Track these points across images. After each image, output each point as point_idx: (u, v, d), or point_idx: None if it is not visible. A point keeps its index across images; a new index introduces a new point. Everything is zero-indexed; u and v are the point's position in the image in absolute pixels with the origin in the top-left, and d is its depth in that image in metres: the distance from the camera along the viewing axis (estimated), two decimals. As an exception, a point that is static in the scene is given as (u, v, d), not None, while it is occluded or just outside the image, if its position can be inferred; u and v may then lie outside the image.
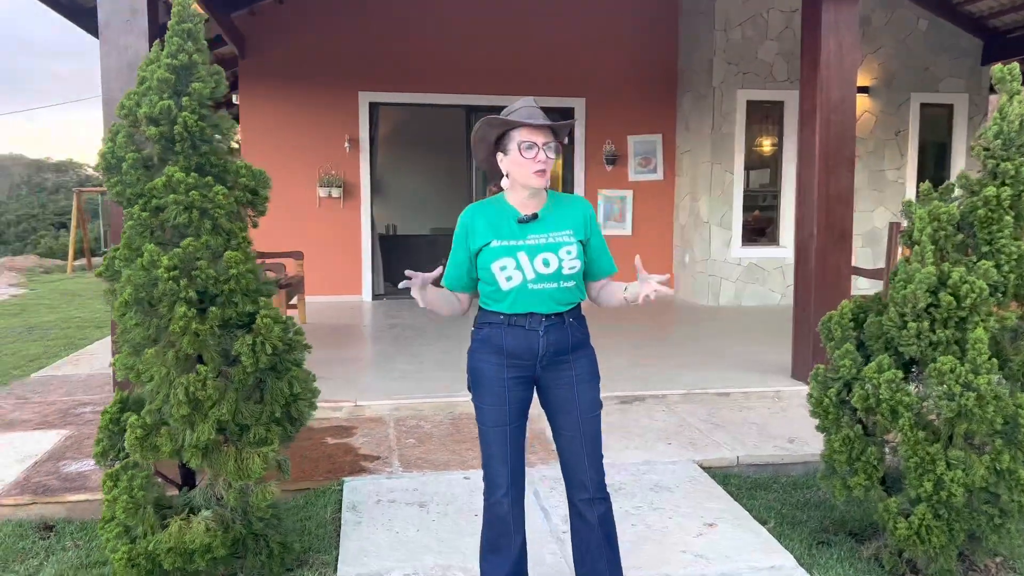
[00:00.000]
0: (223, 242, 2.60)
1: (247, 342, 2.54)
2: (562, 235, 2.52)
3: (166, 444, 2.54)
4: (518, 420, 2.58)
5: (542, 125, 2.46)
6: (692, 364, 6.00)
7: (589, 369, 2.64)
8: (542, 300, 2.50)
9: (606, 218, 10.05)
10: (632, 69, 9.91)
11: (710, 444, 4.33)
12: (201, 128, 2.61)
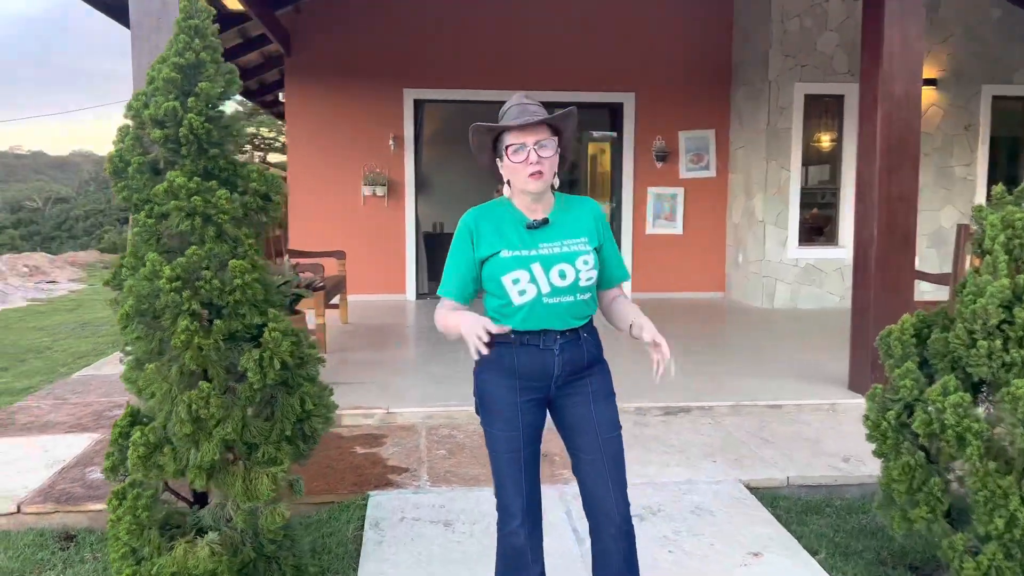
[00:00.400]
0: (229, 250, 2.46)
1: (254, 357, 2.40)
2: (577, 243, 2.32)
3: (170, 463, 2.41)
4: (532, 445, 2.39)
5: (530, 124, 2.24)
6: (742, 372, 5.71)
7: (605, 385, 2.44)
8: (558, 315, 2.30)
9: (655, 217, 9.76)
10: (684, 62, 9.59)
11: (758, 462, 4.06)
12: (208, 130, 2.47)
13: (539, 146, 2.24)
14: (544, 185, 2.28)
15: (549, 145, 2.26)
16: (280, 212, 2.67)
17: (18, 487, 3.70)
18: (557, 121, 2.30)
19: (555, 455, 3.87)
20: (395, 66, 9.22)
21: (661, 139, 9.65)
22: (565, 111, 2.31)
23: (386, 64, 9.20)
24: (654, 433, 4.50)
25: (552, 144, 2.27)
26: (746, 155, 9.27)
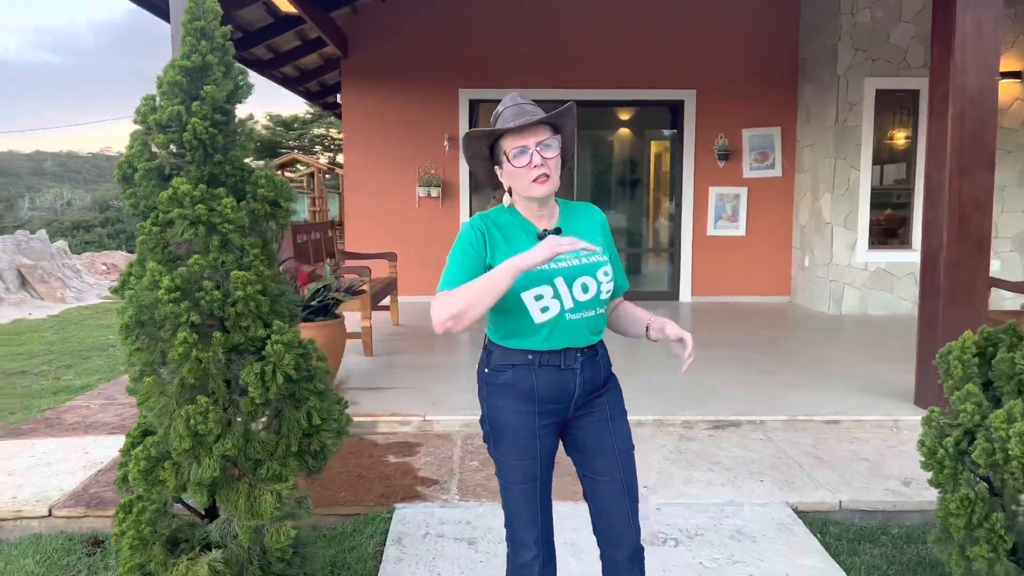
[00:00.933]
0: (235, 260, 2.37)
1: (255, 370, 2.31)
2: (595, 253, 2.13)
3: (171, 478, 2.34)
4: (547, 473, 2.22)
5: (529, 124, 2.07)
6: (800, 383, 5.42)
7: (620, 402, 2.29)
8: (580, 332, 2.14)
9: (716, 217, 9.44)
10: (748, 58, 9.25)
11: (810, 483, 3.80)
12: (213, 135, 2.39)
13: (542, 147, 2.07)
14: (551, 189, 2.11)
15: (552, 145, 2.09)
16: (288, 219, 2.57)
17: (53, 489, 3.73)
18: (557, 119, 2.12)
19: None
20: (450, 66, 9.14)
21: (723, 137, 9.33)
22: (563, 107, 2.12)
23: (441, 64, 9.14)
24: (700, 449, 4.28)
25: (555, 143, 2.10)
26: (813, 153, 8.88)
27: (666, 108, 9.69)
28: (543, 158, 2.07)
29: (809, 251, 8.99)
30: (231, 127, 2.53)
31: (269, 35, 8.31)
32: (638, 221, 10.22)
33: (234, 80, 2.57)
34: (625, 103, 9.67)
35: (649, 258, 10.23)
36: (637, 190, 10.26)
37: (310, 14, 7.22)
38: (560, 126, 2.15)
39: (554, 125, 2.13)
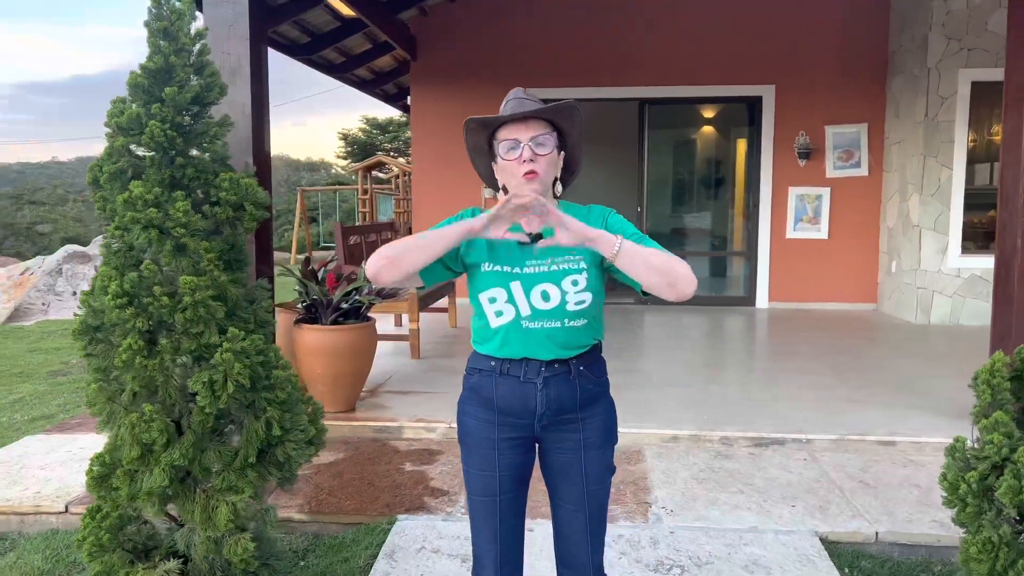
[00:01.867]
0: (190, 265, 2.32)
1: (203, 379, 2.25)
2: (569, 260, 1.97)
3: (124, 487, 2.31)
4: (513, 490, 2.08)
5: (523, 116, 1.93)
6: (861, 399, 5.02)
7: (603, 431, 2.08)
8: (539, 342, 1.97)
9: (796, 219, 8.96)
10: (831, 50, 8.74)
11: (846, 510, 3.48)
12: (171, 138, 2.34)
13: (535, 142, 1.93)
14: (540, 187, 1.95)
15: (546, 142, 1.95)
16: (255, 224, 2.50)
17: (75, 485, 3.81)
18: (554, 115, 1.98)
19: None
20: (518, 66, 9.03)
21: (805, 135, 8.84)
22: (562, 102, 1.98)
23: (509, 64, 9.03)
24: (735, 468, 4.00)
25: (550, 141, 1.96)
26: (902, 151, 8.29)
27: (742, 105, 9.27)
28: (534, 153, 1.93)
29: (896, 255, 8.41)
30: (198, 128, 2.49)
31: (337, 38, 8.40)
32: (711, 222, 9.83)
33: (205, 81, 2.52)
34: (697, 100, 9.31)
35: (723, 262, 9.83)
36: (709, 190, 9.89)
37: (371, 17, 7.25)
38: (561, 126, 2.01)
39: (554, 123, 1.99)
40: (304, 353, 4.58)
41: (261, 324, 2.57)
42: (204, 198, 2.46)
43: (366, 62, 9.66)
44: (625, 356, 6.29)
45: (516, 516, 2.11)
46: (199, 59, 2.54)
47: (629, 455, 4.18)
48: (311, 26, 8.11)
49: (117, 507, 2.41)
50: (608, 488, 2.12)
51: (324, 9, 7.52)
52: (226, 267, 2.50)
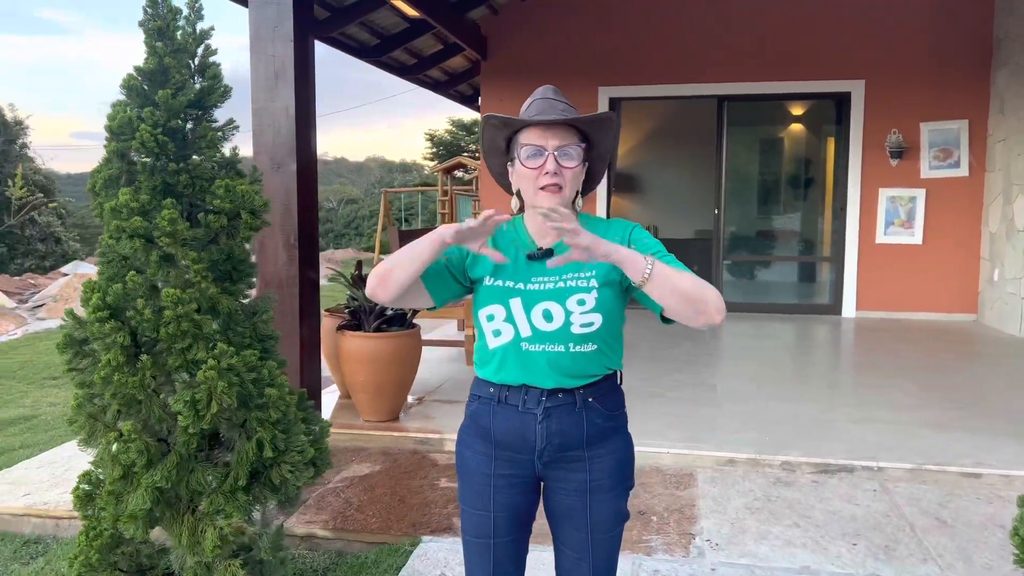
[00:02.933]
0: (177, 276, 2.21)
1: (184, 398, 2.13)
2: (578, 278, 1.76)
3: (109, 507, 2.22)
4: (510, 533, 1.87)
5: (552, 121, 1.73)
6: (947, 422, 4.57)
7: (614, 472, 1.84)
8: (539, 368, 1.76)
9: (887, 223, 8.38)
10: (929, 41, 8.13)
11: (916, 552, 3.12)
12: (163, 143, 2.24)
13: (561, 153, 1.74)
14: (560, 202, 1.75)
15: (574, 154, 1.76)
16: (250, 233, 2.37)
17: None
18: (588, 125, 1.79)
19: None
20: (590, 64, 8.78)
21: (897, 132, 8.26)
22: (601, 113, 1.79)
23: (581, 62, 8.79)
24: (794, 497, 3.66)
25: (578, 153, 1.77)
26: (1007, 149, 7.63)
27: (828, 102, 8.74)
28: (560, 165, 1.74)
29: (999, 263, 7.74)
30: (197, 133, 2.38)
31: (406, 39, 8.34)
32: (794, 226, 9.33)
33: (207, 84, 2.41)
34: (779, 97, 8.83)
35: (807, 267, 9.31)
36: (792, 192, 9.40)
37: (437, 17, 7.14)
38: (592, 136, 1.81)
39: (584, 133, 1.80)
40: (346, 360, 4.48)
41: (261, 339, 2.44)
42: (199, 206, 2.35)
43: (438, 63, 9.59)
44: (691, 368, 5.96)
45: (514, 563, 1.90)
46: (203, 60, 2.44)
47: (679, 479, 3.90)
48: (379, 28, 8.07)
49: (104, 527, 2.32)
50: (618, 537, 1.88)
51: (391, 11, 7.46)
52: (223, 278, 2.38)
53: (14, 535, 3.58)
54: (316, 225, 4.54)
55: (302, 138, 4.40)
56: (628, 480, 1.87)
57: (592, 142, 1.83)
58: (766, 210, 9.45)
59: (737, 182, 9.16)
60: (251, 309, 2.46)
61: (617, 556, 1.89)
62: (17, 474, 4.06)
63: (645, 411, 4.82)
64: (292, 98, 4.33)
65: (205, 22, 2.46)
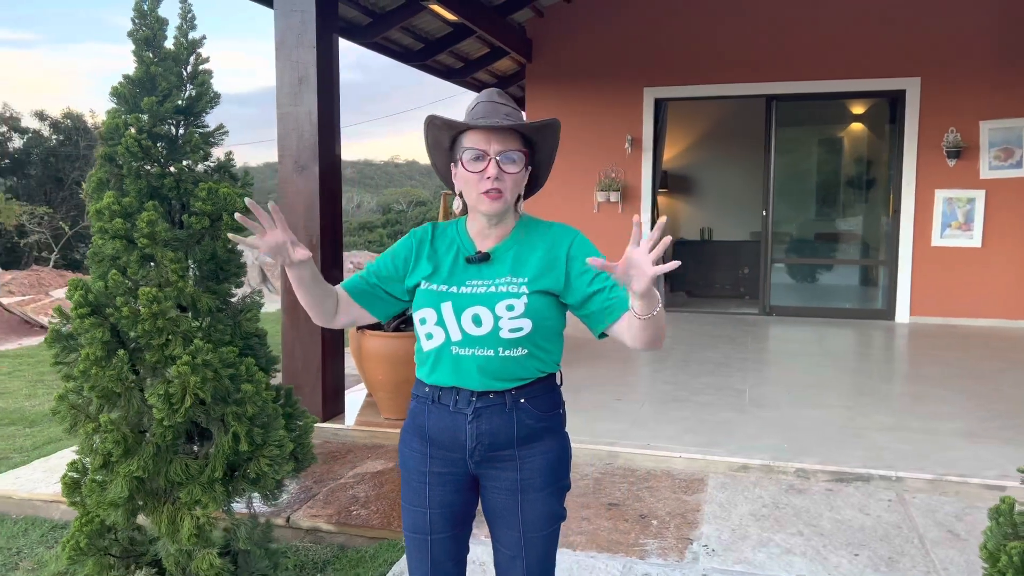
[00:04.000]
0: (156, 276, 2.31)
1: (159, 392, 2.22)
2: (510, 283, 1.78)
3: (92, 495, 2.33)
4: (446, 530, 1.91)
5: (497, 127, 1.75)
6: (981, 433, 4.39)
7: (546, 473, 1.85)
8: (468, 371, 1.79)
9: (944, 225, 8.08)
10: (988, 34, 7.81)
11: (920, 565, 3.02)
12: (147, 148, 2.34)
13: (504, 158, 1.75)
14: (501, 208, 1.78)
15: (517, 159, 1.76)
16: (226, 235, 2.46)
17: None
18: (532, 131, 1.80)
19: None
20: (636, 65, 8.72)
21: (955, 131, 7.96)
22: (545, 120, 1.81)
23: (626, 63, 8.75)
24: (804, 506, 3.58)
25: (520, 159, 1.77)
26: (1071, 148, 7.28)
27: (881, 100, 8.48)
28: (501, 170, 1.75)
29: (1063, 267, 7.39)
30: (184, 138, 2.48)
31: (450, 43, 8.44)
32: (845, 228, 9.08)
33: (196, 91, 2.52)
34: (830, 96, 8.59)
35: (858, 271, 9.04)
36: (843, 193, 9.15)
37: (477, 21, 7.21)
38: (536, 142, 1.83)
39: (528, 138, 1.81)
40: (367, 359, 4.58)
41: (244, 336, 2.53)
42: (183, 208, 2.46)
43: (485, 66, 9.66)
44: (723, 372, 5.87)
45: (452, 559, 1.93)
46: (194, 68, 2.54)
47: (689, 483, 3.86)
48: (423, 32, 8.19)
49: (90, 513, 2.44)
50: (553, 537, 1.90)
51: (433, 15, 7.57)
52: (209, 277, 2.48)
53: (44, 520, 3.77)
54: (339, 226, 4.65)
55: (325, 141, 4.52)
56: (561, 480, 1.87)
57: (535, 147, 1.84)
58: (816, 212, 9.22)
59: (786, 183, 8.97)
60: (238, 307, 2.55)
61: (553, 555, 1.91)
62: (53, 463, 4.27)
63: (664, 415, 4.78)
64: (315, 103, 4.45)
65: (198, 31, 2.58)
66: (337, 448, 4.44)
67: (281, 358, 4.56)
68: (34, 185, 20.18)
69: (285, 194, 4.52)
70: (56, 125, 20.77)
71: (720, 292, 10.22)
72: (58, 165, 20.09)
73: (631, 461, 4.11)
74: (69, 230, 18.86)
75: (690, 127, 11.38)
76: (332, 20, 4.60)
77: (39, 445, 4.96)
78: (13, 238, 18.26)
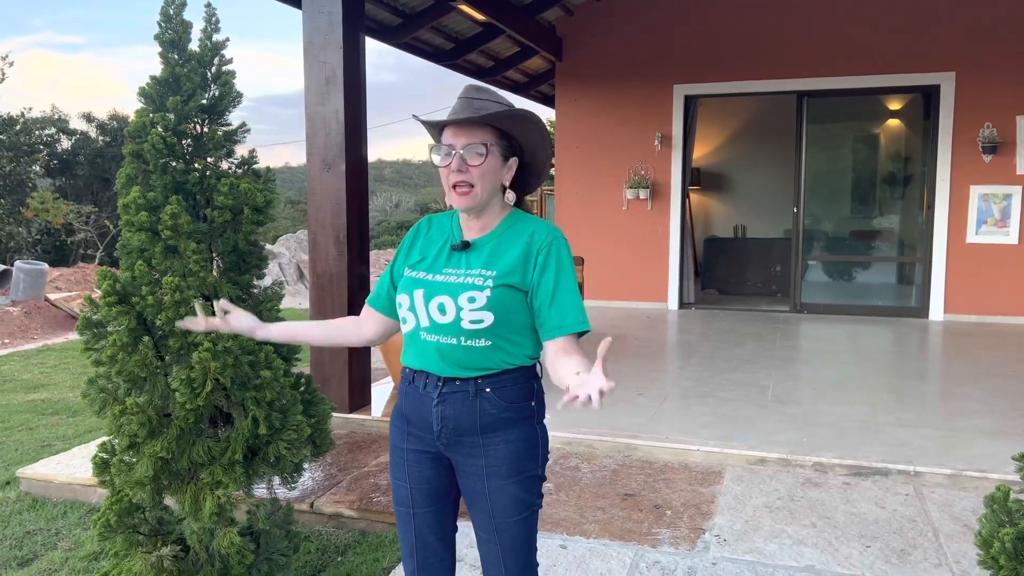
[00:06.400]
0: (179, 266, 2.43)
1: (181, 376, 2.34)
2: (478, 275, 1.83)
3: (119, 475, 2.46)
4: (427, 505, 1.98)
5: (458, 121, 1.80)
6: (1006, 430, 4.35)
7: (509, 461, 1.87)
8: (432, 357, 1.87)
9: (979, 222, 7.96)
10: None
11: (932, 557, 3.03)
12: (172, 145, 2.46)
13: (467, 151, 1.79)
14: (471, 203, 1.83)
15: (482, 151, 1.79)
16: (252, 227, 2.57)
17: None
18: (496, 120, 1.80)
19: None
20: (665, 62, 8.73)
21: (991, 126, 7.84)
22: (507, 109, 1.81)
23: (656, 61, 8.76)
24: (819, 499, 3.60)
25: (485, 151, 1.80)
26: (1111, 143, 7.12)
27: (915, 96, 8.38)
28: (465, 163, 1.80)
29: (1102, 264, 7.24)
30: (207, 135, 2.60)
31: (481, 42, 8.53)
32: (877, 225, 8.98)
33: (220, 91, 2.63)
34: (862, 92, 8.48)
35: (891, 268, 8.94)
36: (875, 190, 9.05)
37: (506, 20, 7.29)
38: (513, 133, 1.85)
39: (501, 129, 1.83)
40: (391, 352, 4.69)
41: (265, 325, 2.64)
42: (207, 203, 2.57)
43: (515, 64, 9.73)
44: (748, 369, 5.87)
45: (435, 535, 2.00)
46: (218, 69, 2.66)
47: (706, 476, 3.90)
48: (453, 32, 8.29)
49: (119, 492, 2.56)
50: (526, 523, 1.91)
51: (463, 16, 7.67)
52: (232, 268, 2.59)
53: (81, 503, 3.95)
54: (366, 223, 4.76)
55: (351, 140, 4.63)
56: (528, 471, 1.88)
57: (515, 139, 1.86)
58: (849, 209, 9.14)
59: (819, 180, 8.90)
60: (259, 297, 2.66)
61: (530, 539, 1.92)
62: (91, 449, 4.43)
63: (685, 410, 4.82)
64: (342, 102, 4.57)
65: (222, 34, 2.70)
66: (362, 438, 4.55)
67: (309, 350, 4.69)
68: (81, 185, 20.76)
69: (313, 192, 4.65)
70: (103, 127, 21.34)
71: (752, 290, 10.17)
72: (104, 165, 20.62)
73: (649, 454, 4.15)
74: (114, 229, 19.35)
75: (723, 124, 11.34)
76: (359, 21, 4.72)
77: (80, 433, 5.16)
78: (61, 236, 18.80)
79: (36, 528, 3.66)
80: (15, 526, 3.69)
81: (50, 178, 20.82)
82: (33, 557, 3.38)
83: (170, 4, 2.54)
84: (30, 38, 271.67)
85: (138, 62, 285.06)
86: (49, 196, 17.85)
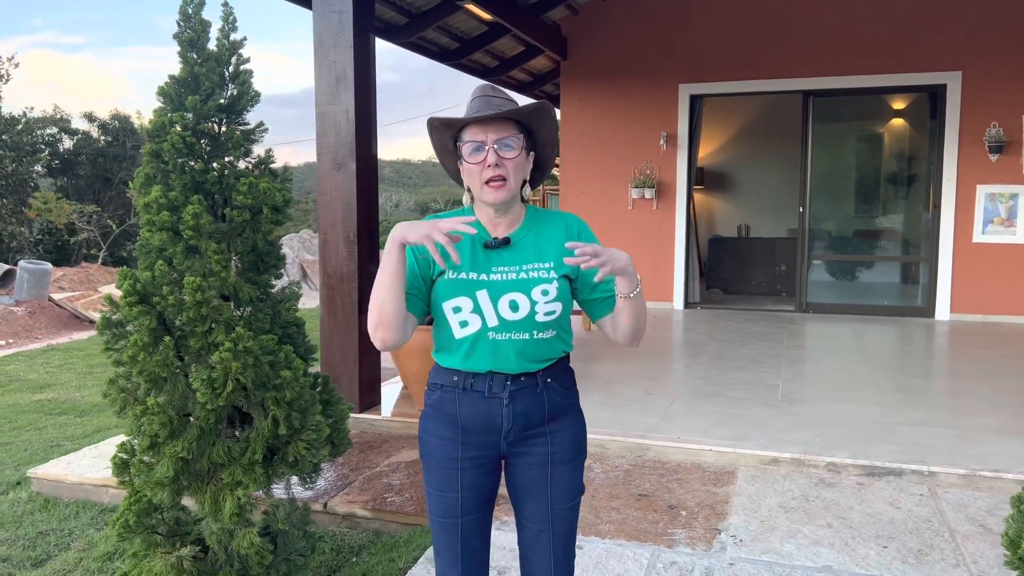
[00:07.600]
0: (200, 266, 2.42)
1: (202, 376, 2.33)
2: (539, 268, 1.87)
3: (139, 475, 2.45)
4: (476, 511, 1.98)
5: (488, 117, 1.82)
6: (1016, 429, 4.35)
7: (572, 445, 1.97)
8: (506, 355, 1.87)
9: (986, 221, 7.95)
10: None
11: (949, 558, 3.02)
12: (191, 144, 2.46)
13: (501, 144, 1.82)
14: (507, 196, 1.85)
15: (513, 145, 1.84)
16: (271, 227, 2.56)
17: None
18: (524, 116, 1.86)
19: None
20: (671, 61, 8.73)
21: (997, 125, 7.83)
22: (533, 103, 1.86)
23: (662, 60, 8.75)
24: (834, 499, 3.60)
25: (517, 143, 1.85)
26: (1118, 142, 7.12)
27: (921, 95, 8.37)
28: (500, 157, 1.83)
29: (1109, 263, 7.23)
30: (224, 135, 2.59)
31: (486, 42, 8.52)
32: (882, 224, 8.97)
33: (237, 90, 2.62)
34: (868, 91, 8.47)
35: (897, 267, 8.94)
36: (881, 189, 9.05)
37: (511, 20, 7.28)
38: (531, 126, 1.90)
39: (523, 124, 1.88)
40: (401, 352, 4.68)
41: (283, 325, 2.64)
42: (226, 202, 2.56)
43: (520, 64, 9.72)
44: (756, 368, 5.86)
45: (480, 539, 2.01)
46: (236, 69, 2.65)
47: (719, 476, 3.89)
48: (458, 31, 8.28)
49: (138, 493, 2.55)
50: (576, 511, 2.00)
51: (469, 15, 7.66)
52: (250, 268, 2.59)
53: (93, 503, 3.94)
54: (376, 222, 4.75)
55: (361, 140, 4.63)
56: (583, 452, 2.00)
57: (533, 132, 1.90)
58: (855, 208, 9.14)
59: (824, 180, 8.90)
60: (277, 297, 2.65)
61: (576, 530, 2.00)
62: (102, 449, 4.44)
63: (695, 409, 4.81)
64: (352, 102, 4.56)
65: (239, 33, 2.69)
66: (373, 438, 4.55)
67: (320, 350, 4.68)
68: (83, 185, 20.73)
69: (323, 191, 4.64)
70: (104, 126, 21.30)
71: (757, 289, 10.16)
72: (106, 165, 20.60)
73: (661, 454, 4.15)
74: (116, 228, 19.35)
75: (726, 124, 11.34)
76: (369, 20, 4.71)
77: (89, 433, 5.15)
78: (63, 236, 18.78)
79: (49, 528, 3.66)
80: (28, 526, 3.69)
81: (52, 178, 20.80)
82: (47, 557, 3.38)
83: (189, 3, 2.53)
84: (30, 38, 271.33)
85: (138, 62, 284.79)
86: (52, 196, 17.83)
